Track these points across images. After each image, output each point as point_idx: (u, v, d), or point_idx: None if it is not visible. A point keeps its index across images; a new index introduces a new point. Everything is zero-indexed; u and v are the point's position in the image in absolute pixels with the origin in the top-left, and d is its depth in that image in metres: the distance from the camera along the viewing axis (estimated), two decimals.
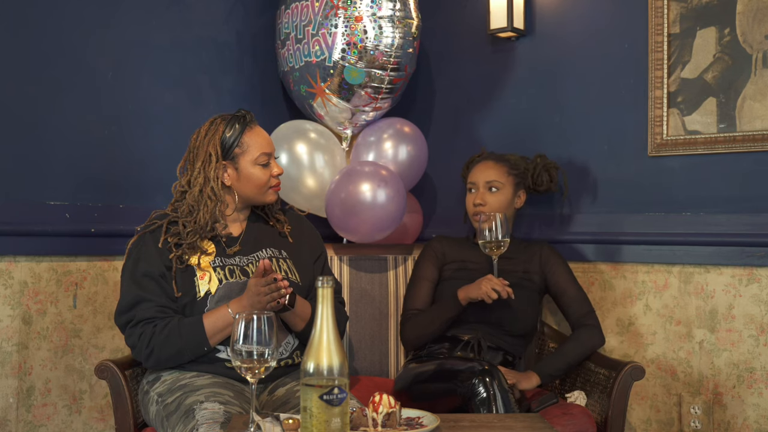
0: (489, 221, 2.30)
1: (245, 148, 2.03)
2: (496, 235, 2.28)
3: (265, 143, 2.07)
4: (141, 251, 1.97)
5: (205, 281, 1.96)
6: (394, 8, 2.66)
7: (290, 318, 1.99)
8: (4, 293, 2.20)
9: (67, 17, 2.36)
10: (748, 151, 2.43)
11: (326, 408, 1.36)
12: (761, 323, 2.39)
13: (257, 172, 2.04)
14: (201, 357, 1.94)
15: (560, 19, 2.86)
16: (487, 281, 2.26)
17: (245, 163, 2.03)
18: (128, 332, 1.93)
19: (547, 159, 2.67)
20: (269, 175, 2.06)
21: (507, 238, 2.29)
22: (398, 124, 2.85)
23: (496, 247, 2.29)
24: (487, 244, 2.29)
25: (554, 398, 2.24)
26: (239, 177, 2.03)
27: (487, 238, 2.29)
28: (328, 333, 1.39)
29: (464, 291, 2.32)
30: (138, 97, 2.54)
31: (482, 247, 2.31)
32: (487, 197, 2.49)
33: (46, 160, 2.31)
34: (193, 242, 1.98)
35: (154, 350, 1.89)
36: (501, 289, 2.24)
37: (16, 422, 2.22)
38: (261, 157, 2.04)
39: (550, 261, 2.51)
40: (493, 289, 2.24)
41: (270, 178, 2.06)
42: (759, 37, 2.42)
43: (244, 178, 2.04)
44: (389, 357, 2.64)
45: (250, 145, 2.03)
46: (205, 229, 2.00)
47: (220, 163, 2.01)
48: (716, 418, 2.45)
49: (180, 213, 2.01)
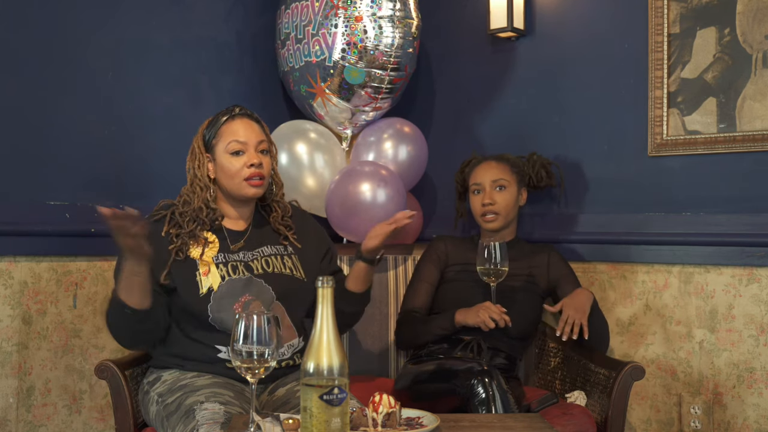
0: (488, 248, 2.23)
1: (219, 138, 2.02)
2: (495, 264, 2.22)
3: (240, 132, 2.01)
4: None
5: (208, 278, 1.96)
6: (394, 8, 2.66)
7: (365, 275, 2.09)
8: (4, 293, 2.20)
9: (68, 17, 2.36)
10: (748, 151, 2.43)
11: (326, 408, 1.36)
12: (761, 323, 2.39)
13: (226, 161, 2.01)
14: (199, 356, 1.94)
15: (560, 19, 2.86)
16: (485, 309, 2.23)
17: (219, 152, 2.02)
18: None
19: (542, 156, 2.71)
20: (241, 165, 2.00)
21: (506, 267, 2.23)
22: (398, 124, 2.85)
23: (495, 276, 2.23)
24: (485, 272, 2.24)
25: (554, 398, 2.24)
26: (216, 168, 2.03)
27: (486, 266, 2.23)
28: (328, 333, 1.39)
29: (462, 315, 2.31)
30: (138, 97, 2.54)
31: (480, 274, 2.25)
32: (495, 196, 2.49)
33: (46, 160, 2.31)
34: (193, 230, 1.99)
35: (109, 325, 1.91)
36: (498, 318, 2.20)
37: (16, 422, 2.22)
38: (231, 144, 2.00)
39: (560, 270, 2.51)
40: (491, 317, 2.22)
41: (243, 169, 2.00)
42: (759, 37, 2.42)
43: (219, 169, 2.02)
44: (389, 357, 2.64)
45: (224, 133, 2.02)
46: (201, 213, 2.00)
47: (204, 156, 2.03)
48: (716, 418, 2.45)
49: (179, 204, 2.05)
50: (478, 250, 2.25)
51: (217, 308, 1.94)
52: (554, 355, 2.54)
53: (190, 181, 2.04)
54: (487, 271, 2.24)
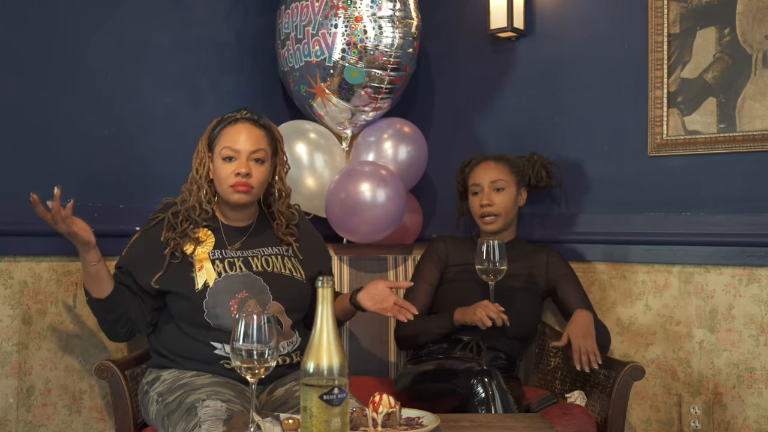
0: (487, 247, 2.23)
1: (218, 140, 2.03)
2: (494, 262, 2.22)
3: (237, 138, 2.00)
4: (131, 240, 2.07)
5: (203, 273, 1.96)
6: (394, 8, 2.66)
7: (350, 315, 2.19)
8: (4, 293, 2.20)
9: (68, 17, 2.35)
10: (748, 151, 2.43)
11: (326, 408, 1.36)
12: (761, 323, 2.39)
13: (218, 165, 2.02)
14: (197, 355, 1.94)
15: (560, 19, 2.86)
16: (483, 307, 2.22)
17: (216, 154, 2.03)
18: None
19: (542, 156, 2.70)
20: (230, 172, 1.99)
21: (504, 266, 2.24)
22: (398, 124, 2.85)
23: (493, 275, 2.24)
24: (483, 271, 2.24)
25: (554, 398, 2.24)
26: (214, 170, 2.05)
27: (484, 265, 2.24)
28: (328, 333, 1.39)
29: (461, 313, 2.31)
30: (138, 97, 2.54)
31: (479, 273, 2.26)
32: (494, 197, 2.49)
33: (46, 160, 2.31)
34: (185, 230, 2.00)
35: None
36: (496, 316, 2.19)
37: (16, 422, 2.21)
38: (224, 150, 2.00)
39: (559, 270, 2.51)
40: (488, 315, 2.20)
41: (230, 176, 1.99)
42: (759, 37, 2.42)
43: (214, 170, 2.05)
44: (389, 357, 2.64)
45: (223, 137, 2.03)
46: (194, 213, 2.01)
47: (206, 155, 2.04)
48: (716, 418, 2.45)
49: (178, 202, 2.07)
50: (477, 248, 2.26)
51: (213, 304, 1.94)
52: (554, 355, 2.54)
53: (190, 180, 2.06)
54: (485, 270, 2.25)
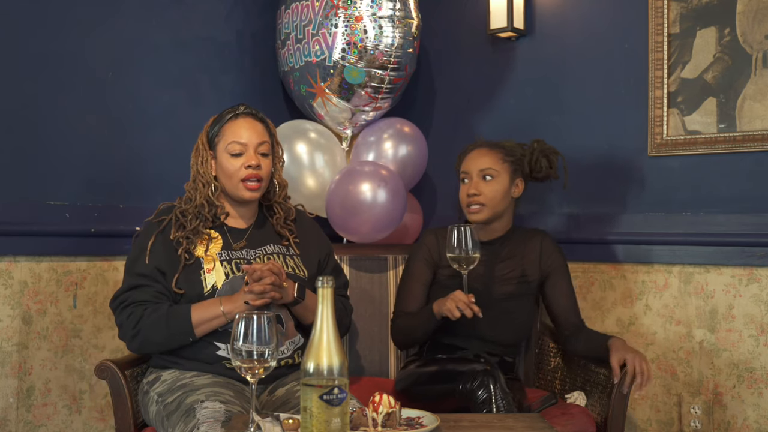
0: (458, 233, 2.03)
1: (221, 137, 2.03)
2: (466, 250, 2.03)
3: (242, 132, 2.01)
4: (146, 245, 1.98)
5: (212, 275, 1.96)
6: (394, 8, 2.66)
7: (301, 311, 2.01)
8: (4, 293, 2.20)
9: (67, 17, 2.36)
10: (748, 151, 2.43)
11: (326, 408, 1.36)
12: (761, 323, 2.39)
13: (225, 160, 2.01)
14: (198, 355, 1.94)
15: (560, 19, 2.86)
16: (452, 299, 2.05)
17: (220, 151, 2.03)
18: (119, 312, 1.94)
19: (546, 144, 2.48)
20: (239, 166, 2.00)
21: (477, 254, 2.04)
22: (398, 124, 2.85)
23: (465, 263, 2.04)
24: (455, 260, 2.04)
25: (554, 398, 2.24)
26: (217, 167, 2.04)
27: (455, 253, 2.03)
28: (328, 333, 1.39)
29: (437, 305, 2.15)
30: (138, 97, 2.54)
31: (450, 261, 2.06)
32: (482, 186, 2.33)
33: (46, 160, 2.31)
34: (197, 227, 1.99)
35: (140, 332, 1.90)
36: (464, 307, 2.02)
37: (16, 422, 2.22)
38: (231, 145, 2.00)
39: (552, 262, 2.40)
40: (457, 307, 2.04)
41: (240, 170, 2.00)
42: (759, 37, 2.42)
43: (219, 168, 2.04)
44: (389, 357, 2.64)
45: (226, 132, 2.03)
46: (204, 210, 2.01)
47: (207, 153, 2.04)
48: (716, 418, 2.45)
49: (182, 202, 2.05)
50: (447, 234, 2.06)
51: None
52: (554, 355, 2.53)
53: (193, 178, 2.05)
54: (456, 259, 2.04)
